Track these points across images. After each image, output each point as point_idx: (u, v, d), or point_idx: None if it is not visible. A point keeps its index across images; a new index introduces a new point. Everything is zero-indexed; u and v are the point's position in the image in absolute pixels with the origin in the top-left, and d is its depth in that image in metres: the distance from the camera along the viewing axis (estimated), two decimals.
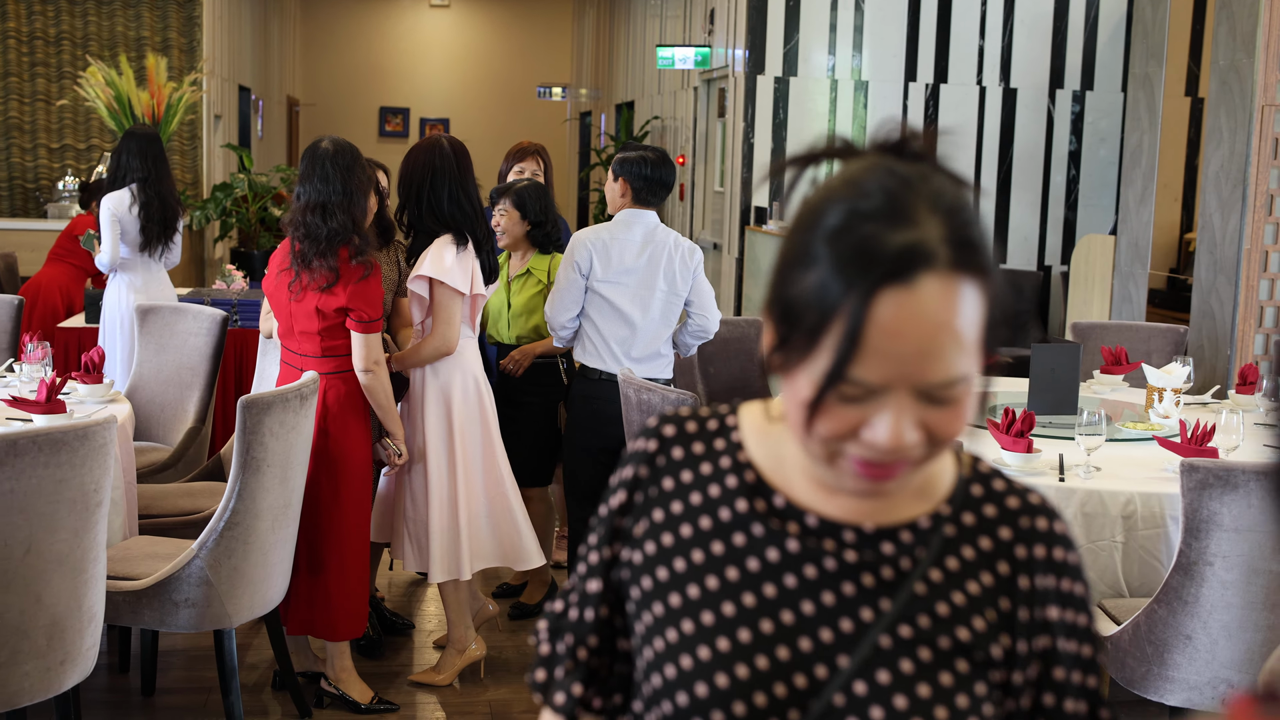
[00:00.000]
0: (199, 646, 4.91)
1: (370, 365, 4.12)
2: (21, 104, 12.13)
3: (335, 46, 20.61)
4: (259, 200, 11.71)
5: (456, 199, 4.36)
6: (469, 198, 4.39)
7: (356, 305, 4.05)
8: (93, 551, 3.34)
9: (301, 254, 4.08)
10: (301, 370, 4.18)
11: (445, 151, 4.39)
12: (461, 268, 4.31)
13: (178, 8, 12.21)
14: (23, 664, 3.21)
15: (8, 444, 3.07)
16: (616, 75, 15.58)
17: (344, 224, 4.05)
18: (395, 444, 4.32)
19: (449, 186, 4.36)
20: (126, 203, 6.27)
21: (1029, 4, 9.66)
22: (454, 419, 4.42)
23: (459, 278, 4.29)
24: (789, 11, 9.40)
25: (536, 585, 5.37)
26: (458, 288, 4.29)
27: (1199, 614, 3.38)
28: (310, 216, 4.06)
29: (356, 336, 4.09)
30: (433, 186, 4.36)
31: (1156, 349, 5.82)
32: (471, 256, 4.37)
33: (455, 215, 4.36)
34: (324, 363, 4.16)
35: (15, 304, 5.75)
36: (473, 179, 4.45)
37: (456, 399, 4.42)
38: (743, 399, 5.11)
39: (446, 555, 4.43)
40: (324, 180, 4.08)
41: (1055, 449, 4.04)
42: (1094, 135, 9.92)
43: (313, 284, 4.06)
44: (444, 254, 4.29)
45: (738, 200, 9.62)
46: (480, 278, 4.41)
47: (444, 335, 4.32)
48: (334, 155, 4.12)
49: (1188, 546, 3.37)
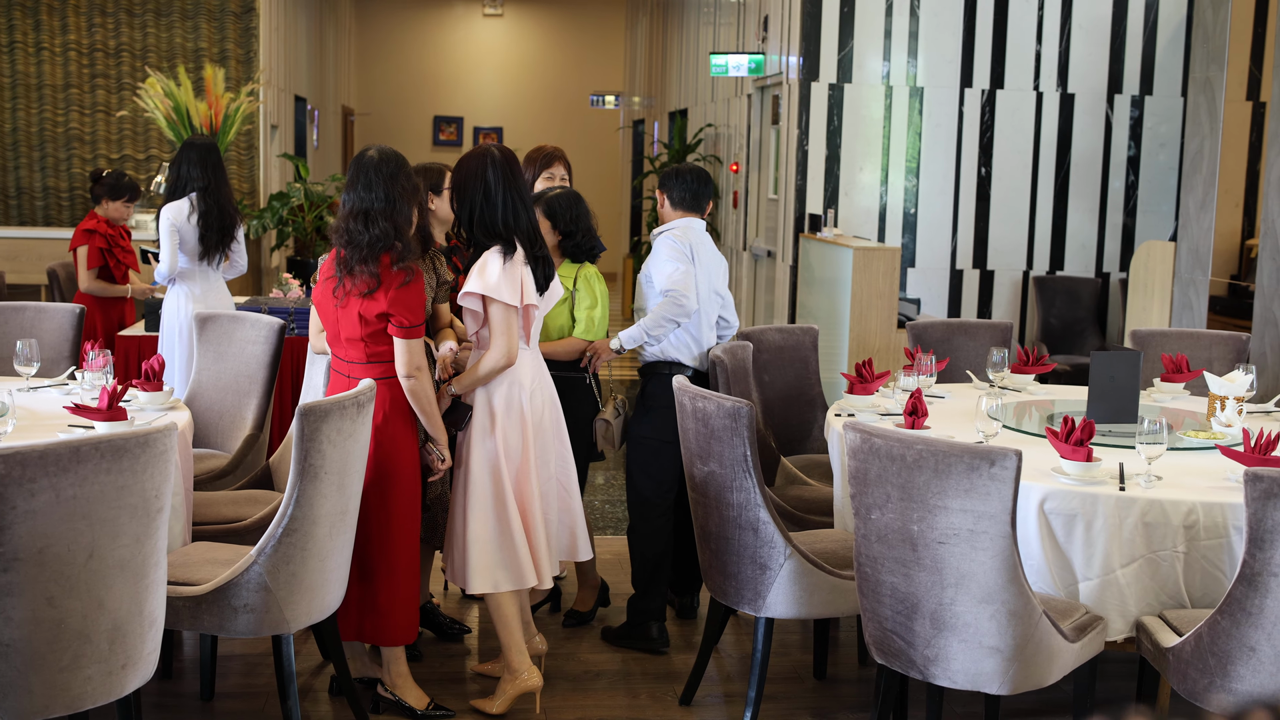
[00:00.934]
0: (256, 652, 4.94)
1: (412, 370, 4.14)
2: (82, 115, 12.29)
3: (389, 56, 20.73)
4: (315, 209, 11.79)
5: (510, 207, 4.33)
6: (522, 206, 4.37)
7: (397, 311, 4.07)
8: (154, 557, 3.37)
9: (345, 260, 4.13)
10: (350, 377, 4.22)
11: (496, 159, 4.37)
12: (509, 279, 4.26)
13: (235, 19, 12.32)
14: (85, 668, 3.24)
15: (71, 451, 3.10)
16: (670, 83, 15.58)
17: (386, 231, 4.09)
18: (439, 449, 4.32)
19: (501, 195, 4.33)
20: (185, 212, 6.33)
21: (1087, 8, 9.57)
22: (496, 429, 4.37)
23: (506, 290, 4.24)
24: (843, 18, 9.37)
25: (587, 591, 5.36)
26: (506, 301, 4.24)
27: (1263, 625, 3.34)
28: (353, 224, 4.11)
29: (398, 342, 4.12)
30: (485, 196, 4.33)
31: (1218, 357, 5.75)
32: (520, 265, 4.31)
33: (506, 224, 4.32)
34: (369, 369, 4.19)
35: (76, 313, 5.82)
36: (524, 186, 4.42)
37: (499, 409, 4.37)
38: (797, 406, 5.09)
39: (485, 567, 4.36)
40: (367, 188, 4.13)
41: (1115, 458, 4.00)
42: (1153, 140, 9.82)
43: (355, 290, 4.10)
44: (489, 267, 4.26)
45: (792, 208, 9.59)
46: (532, 287, 4.35)
47: (502, 350, 4.27)
48: (378, 163, 4.16)
49: (1252, 557, 3.32)
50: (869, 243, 8.60)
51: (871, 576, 3.70)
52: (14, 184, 12.30)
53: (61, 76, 12.24)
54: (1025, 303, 9.78)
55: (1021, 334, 9.79)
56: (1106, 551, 3.73)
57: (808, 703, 4.69)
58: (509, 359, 4.30)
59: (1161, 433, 3.85)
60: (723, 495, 4.20)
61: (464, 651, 5.02)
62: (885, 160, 9.50)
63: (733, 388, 5.04)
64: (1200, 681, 3.48)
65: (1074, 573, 3.77)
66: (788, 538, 4.14)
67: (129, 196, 7.62)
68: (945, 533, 3.48)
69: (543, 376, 4.53)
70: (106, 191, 7.56)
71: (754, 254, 11.19)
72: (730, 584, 4.28)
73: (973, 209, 9.63)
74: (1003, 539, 3.43)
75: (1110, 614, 3.76)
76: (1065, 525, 3.75)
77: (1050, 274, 9.79)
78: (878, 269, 8.01)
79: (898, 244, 9.49)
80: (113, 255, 7.48)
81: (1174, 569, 3.74)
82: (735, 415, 4.08)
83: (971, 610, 3.51)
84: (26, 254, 10.37)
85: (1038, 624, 3.51)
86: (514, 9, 20.89)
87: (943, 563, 3.51)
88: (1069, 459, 3.83)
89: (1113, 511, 3.71)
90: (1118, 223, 9.84)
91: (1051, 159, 9.71)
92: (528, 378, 4.43)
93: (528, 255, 4.36)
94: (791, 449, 5.63)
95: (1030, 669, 3.56)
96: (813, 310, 9.04)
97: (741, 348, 5.26)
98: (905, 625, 3.64)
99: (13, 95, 12.21)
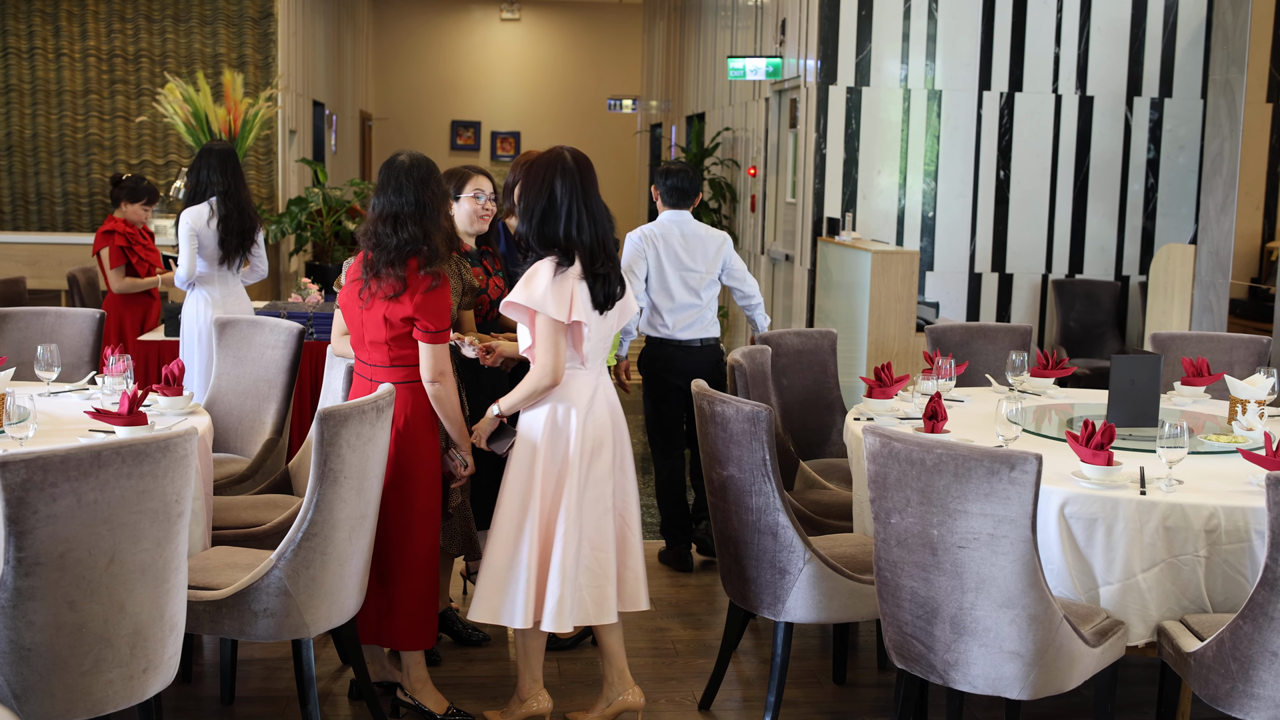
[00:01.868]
0: (276, 656, 4.95)
1: (436, 376, 4.13)
2: (101, 121, 12.34)
3: (407, 61, 20.78)
4: (333, 214, 11.81)
5: (574, 218, 4.07)
6: (588, 218, 4.10)
7: (422, 316, 4.07)
8: (174, 561, 3.38)
9: (372, 263, 4.13)
10: (372, 380, 4.22)
11: (567, 166, 4.11)
12: (558, 292, 4.01)
13: (253, 25, 12.37)
14: (106, 672, 3.25)
15: (92, 455, 3.11)
16: (687, 87, 15.58)
17: (414, 235, 4.09)
18: (462, 455, 4.32)
19: (566, 205, 4.07)
20: (205, 217, 6.35)
21: (1105, 10, 9.54)
22: (538, 458, 4.13)
23: (551, 303, 3.99)
24: (861, 21, 9.35)
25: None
26: (551, 314, 4.01)
27: None
28: (382, 227, 4.11)
29: (424, 347, 4.11)
30: (548, 204, 4.07)
31: (1239, 360, 5.73)
32: (574, 279, 4.05)
33: (568, 235, 4.06)
34: (393, 372, 4.19)
35: (97, 318, 5.84)
36: (596, 197, 4.15)
37: (544, 435, 4.13)
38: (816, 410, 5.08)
39: (489, 595, 4.14)
40: (398, 192, 4.13)
41: (1136, 462, 3.99)
42: (1173, 143, 9.78)
43: (380, 293, 4.10)
44: (537, 278, 4.04)
45: (810, 211, 9.58)
46: (585, 303, 4.07)
47: (545, 367, 4.05)
48: (409, 168, 4.17)
49: (1274, 561, 3.31)
50: (887, 246, 8.58)
51: (891, 581, 3.70)
52: (34, 189, 12.36)
53: (81, 82, 12.29)
54: (1044, 306, 9.75)
55: (1041, 337, 9.76)
56: (1127, 556, 3.71)
57: (827, 707, 4.68)
58: (553, 377, 4.05)
59: (1182, 436, 3.83)
60: (742, 499, 4.19)
61: (484, 657, 5.02)
62: (903, 163, 9.48)
63: (751, 392, 5.04)
64: (1222, 686, 3.46)
65: (1094, 577, 3.76)
66: (807, 542, 4.13)
67: (147, 199, 7.67)
68: (965, 537, 3.47)
69: (601, 401, 4.22)
70: (126, 194, 7.62)
71: (772, 258, 11.18)
72: (749, 588, 4.28)
73: (991, 212, 9.60)
74: (1023, 543, 3.42)
75: (1131, 618, 3.75)
76: (1086, 529, 3.74)
77: (1070, 277, 9.76)
78: (896, 272, 8.00)
79: (916, 247, 9.47)
80: (134, 252, 7.52)
81: (1195, 573, 3.73)
82: (754, 419, 4.08)
83: (992, 615, 3.50)
84: (47, 259, 10.41)
85: (1058, 629, 3.50)
86: (531, 13, 20.92)
87: (963, 567, 3.50)
88: (1089, 463, 3.81)
89: (1133, 516, 3.69)
90: (1137, 225, 9.81)
91: (1070, 162, 9.68)
92: (582, 401, 4.15)
93: (586, 271, 4.09)
94: (810, 453, 5.62)
95: (1051, 674, 3.55)
96: (831, 314, 9.03)
97: (760, 352, 5.26)
98: (925, 630, 3.63)
99: (33, 101, 12.28)
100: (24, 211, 12.38)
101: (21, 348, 5.66)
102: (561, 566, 4.09)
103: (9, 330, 5.79)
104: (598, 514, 4.19)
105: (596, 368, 4.21)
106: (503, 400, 4.19)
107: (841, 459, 5.51)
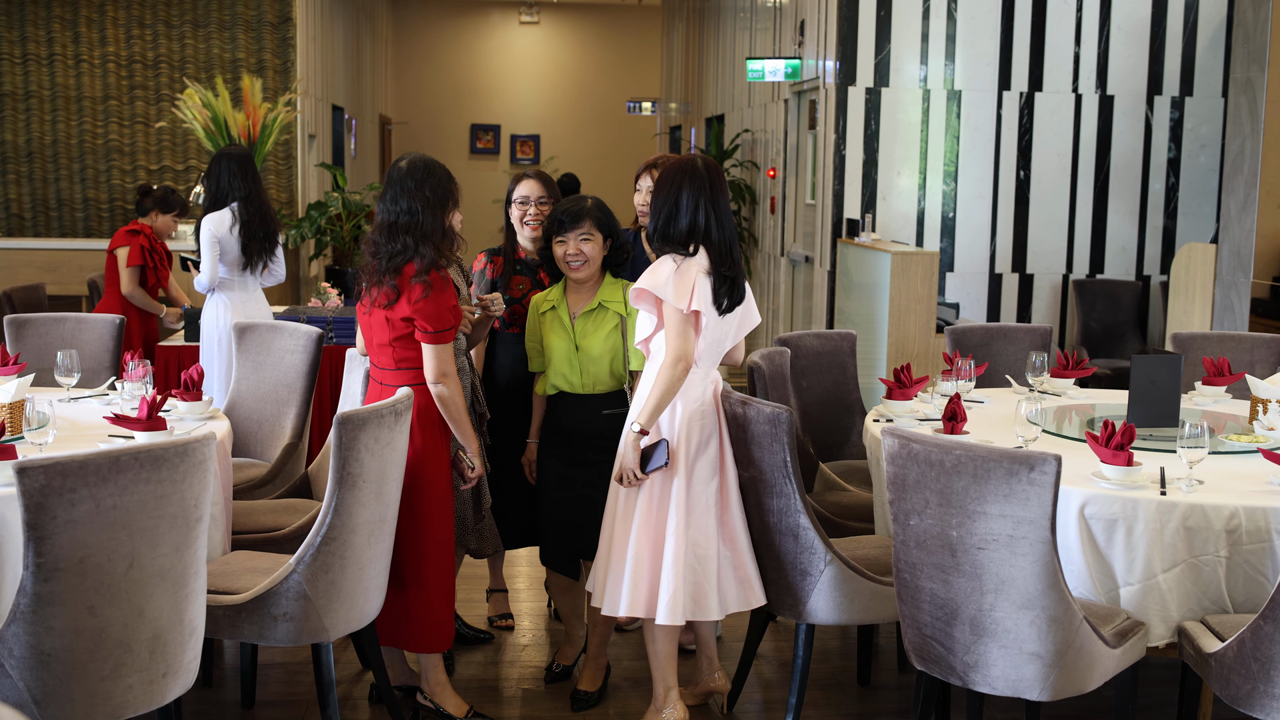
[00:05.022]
0: (295, 660, 4.96)
1: (439, 377, 4.13)
2: (121, 126, 12.39)
3: (426, 65, 20.81)
4: (353, 218, 11.83)
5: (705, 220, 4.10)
6: (716, 221, 4.12)
7: (420, 317, 4.08)
8: (193, 566, 3.39)
9: (372, 271, 4.16)
10: (384, 383, 4.23)
11: (696, 171, 4.14)
12: (680, 281, 4.05)
13: (272, 30, 12.40)
14: (126, 676, 3.26)
15: (111, 461, 3.12)
16: (706, 88, 15.57)
17: (406, 245, 4.10)
18: (469, 457, 4.32)
19: (692, 206, 4.10)
20: (227, 223, 6.37)
21: (1125, 9, 9.51)
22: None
23: (672, 290, 4.03)
24: (880, 22, 9.34)
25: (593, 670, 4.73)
26: (669, 300, 4.02)
27: None
28: (379, 236, 4.16)
29: (426, 348, 4.12)
30: (675, 206, 4.11)
31: (1260, 359, 5.70)
32: (697, 271, 4.07)
33: (693, 231, 4.09)
34: (400, 374, 4.20)
35: (116, 323, 5.86)
36: (726, 202, 4.18)
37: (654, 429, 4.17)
38: (835, 412, 5.06)
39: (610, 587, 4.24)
40: (394, 200, 4.16)
41: (1157, 462, 3.97)
42: (1193, 142, 9.74)
43: (378, 301, 4.14)
44: (661, 267, 4.08)
45: (829, 213, 9.56)
46: (706, 297, 4.08)
47: (675, 351, 4.05)
48: (405, 174, 4.18)
49: None
50: (907, 247, 8.56)
51: (910, 582, 3.68)
52: (54, 196, 12.42)
53: (100, 88, 12.35)
54: (1065, 306, 9.71)
55: (1061, 338, 9.72)
56: (1148, 556, 3.69)
57: (848, 709, 4.67)
58: (685, 363, 4.05)
59: (1203, 436, 3.81)
60: (762, 501, 4.18)
61: (505, 660, 5.03)
62: (923, 164, 9.46)
63: (771, 393, 5.03)
64: (1243, 687, 3.44)
65: (1115, 578, 3.74)
66: (828, 544, 4.12)
67: (179, 211, 7.68)
68: (985, 538, 3.46)
69: (710, 403, 4.23)
70: (157, 204, 7.59)
71: (791, 259, 11.16)
72: (770, 590, 4.27)
73: (1011, 212, 9.57)
74: (1042, 544, 3.40)
75: (1152, 619, 3.73)
76: (1106, 530, 3.72)
77: (1090, 277, 9.72)
78: (916, 273, 7.98)
79: (936, 248, 9.45)
80: (152, 258, 7.52)
81: (1216, 574, 3.71)
82: (775, 421, 4.07)
83: (1011, 616, 3.48)
84: (67, 265, 10.46)
85: (1078, 630, 3.48)
86: (550, 16, 20.94)
87: (982, 568, 3.48)
88: (1109, 463, 3.80)
89: (1154, 516, 3.67)
90: (1158, 225, 9.77)
91: (1091, 161, 9.64)
92: (690, 399, 4.17)
93: (713, 269, 4.11)
94: (830, 455, 5.61)
95: (1071, 675, 3.53)
96: (851, 315, 9.01)
97: (779, 353, 5.25)
98: (945, 631, 3.62)
99: (52, 107, 12.34)
100: (44, 218, 12.44)
101: (42, 353, 5.68)
102: (674, 560, 4.12)
103: (29, 336, 5.82)
104: (700, 510, 4.19)
105: (706, 369, 4.21)
106: (640, 415, 4.12)
107: (861, 461, 5.50)
